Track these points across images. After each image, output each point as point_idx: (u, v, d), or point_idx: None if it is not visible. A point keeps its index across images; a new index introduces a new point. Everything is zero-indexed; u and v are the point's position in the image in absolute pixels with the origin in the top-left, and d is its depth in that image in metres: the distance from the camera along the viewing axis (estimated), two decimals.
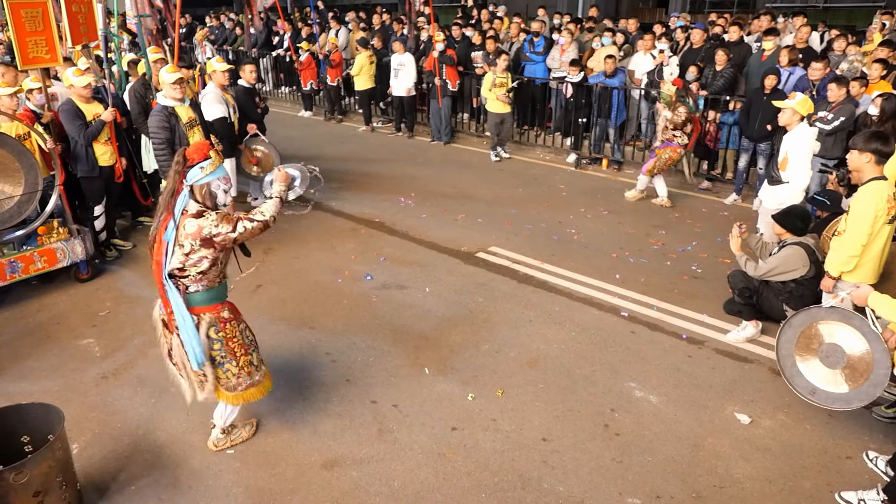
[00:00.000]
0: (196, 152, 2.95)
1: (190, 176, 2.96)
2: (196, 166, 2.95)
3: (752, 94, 7.15)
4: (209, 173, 2.98)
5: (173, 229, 2.95)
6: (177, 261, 2.99)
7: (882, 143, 3.68)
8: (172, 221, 2.95)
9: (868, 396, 3.48)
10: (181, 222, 2.96)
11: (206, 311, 3.14)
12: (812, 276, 4.37)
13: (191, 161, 2.95)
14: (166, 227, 2.97)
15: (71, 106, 5.48)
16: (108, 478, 3.38)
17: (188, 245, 2.97)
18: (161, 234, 2.98)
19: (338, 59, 11.43)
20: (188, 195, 2.98)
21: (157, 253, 3.02)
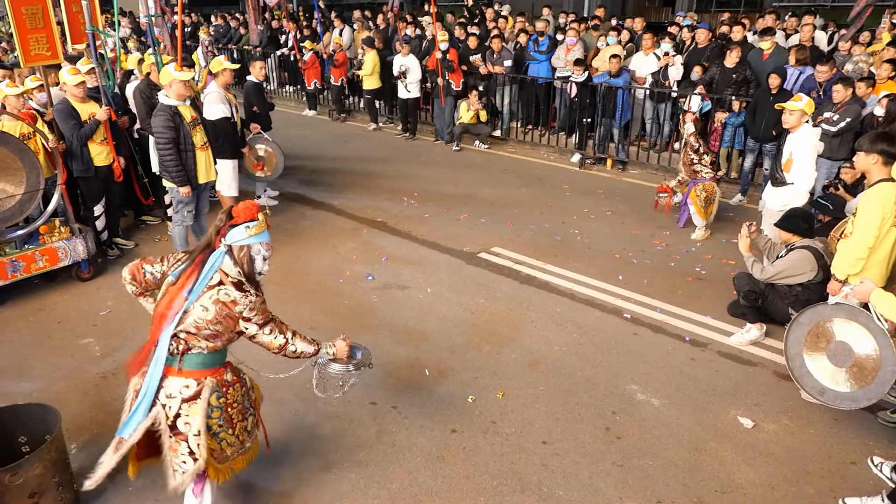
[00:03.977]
0: (244, 211, 2.63)
1: (232, 235, 2.61)
2: (241, 226, 2.60)
3: (758, 95, 7.09)
4: (253, 235, 2.63)
5: (201, 287, 2.55)
6: (193, 323, 2.57)
7: (889, 144, 3.64)
8: (199, 277, 2.56)
9: (876, 395, 3.43)
10: (221, 285, 2.57)
11: (207, 375, 2.70)
12: (820, 280, 4.32)
13: (236, 219, 2.62)
14: (191, 281, 2.57)
15: (65, 105, 5.47)
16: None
17: (213, 311, 2.56)
18: (182, 286, 2.57)
19: (342, 58, 11.41)
20: (224, 253, 2.61)
21: (165, 304, 2.59)
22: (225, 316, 2.58)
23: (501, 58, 9.83)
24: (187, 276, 2.58)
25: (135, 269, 2.74)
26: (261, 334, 2.69)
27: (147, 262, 2.73)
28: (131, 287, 2.78)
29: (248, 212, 2.63)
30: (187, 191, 5.39)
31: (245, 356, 3.11)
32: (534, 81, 9.92)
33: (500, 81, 10.04)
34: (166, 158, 5.27)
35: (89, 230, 5.59)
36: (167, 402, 2.63)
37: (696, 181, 6.40)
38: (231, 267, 2.61)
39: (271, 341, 2.72)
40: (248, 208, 2.63)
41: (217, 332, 2.60)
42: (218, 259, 2.59)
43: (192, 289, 2.56)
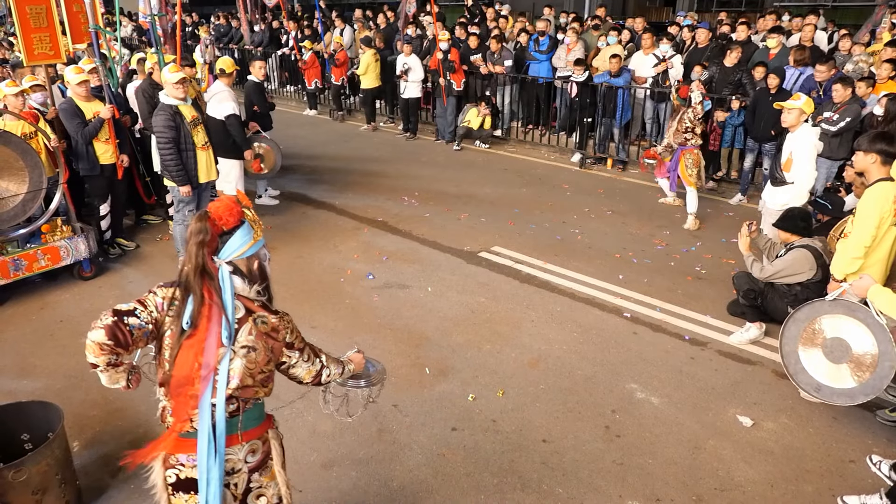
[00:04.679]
0: (227, 211, 1.99)
1: (229, 247, 2.00)
2: (235, 232, 2.01)
3: (758, 94, 7.10)
4: (259, 238, 2.08)
5: (231, 329, 1.96)
6: (246, 372, 2.00)
7: (887, 144, 3.65)
8: (225, 319, 1.94)
9: (873, 390, 3.44)
10: (252, 315, 2.03)
11: (267, 429, 2.22)
12: (819, 279, 4.33)
13: (221, 224, 1.99)
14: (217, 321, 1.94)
15: (70, 104, 5.50)
16: (108, 476, 3.39)
17: (262, 349, 2.03)
18: (206, 332, 1.93)
19: (342, 58, 11.43)
20: (229, 274, 1.98)
21: (190, 363, 1.94)
22: (271, 350, 2.07)
23: (502, 58, 9.85)
24: (207, 317, 1.92)
25: (114, 329, 1.83)
26: (300, 363, 2.19)
27: (125, 314, 1.88)
28: (106, 358, 1.85)
29: (232, 211, 2.01)
30: (188, 190, 5.41)
31: None
32: (534, 81, 9.93)
33: (501, 81, 10.06)
34: (167, 158, 5.29)
35: (91, 229, 5.61)
36: (231, 481, 2.10)
37: (684, 148, 6.75)
38: (246, 287, 2.03)
39: (308, 369, 2.22)
40: (229, 207, 2.01)
41: (270, 373, 2.12)
42: (227, 283, 1.97)
43: (226, 331, 1.94)
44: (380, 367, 2.62)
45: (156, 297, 1.98)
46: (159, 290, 2.00)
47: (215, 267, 1.98)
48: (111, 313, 1.87)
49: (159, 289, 2.01)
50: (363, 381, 2.49)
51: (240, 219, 2.04)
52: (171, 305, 1.96)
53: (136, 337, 1.90)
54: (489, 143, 10.13)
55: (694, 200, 6.83)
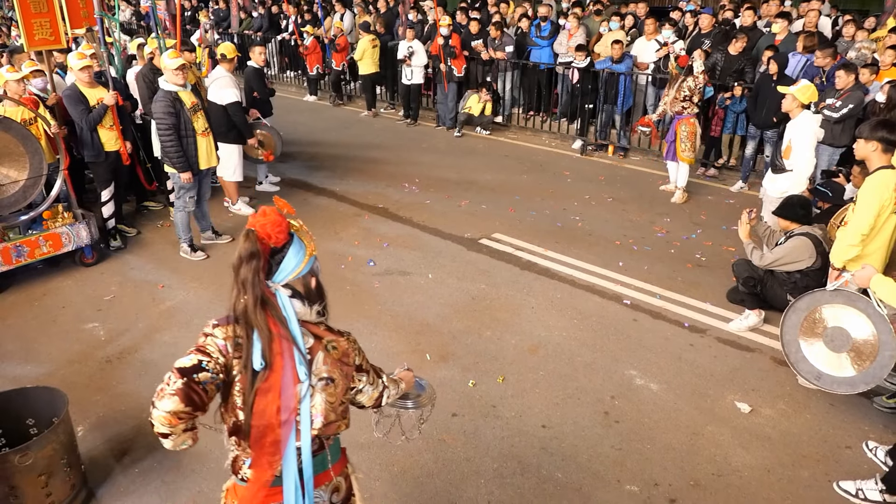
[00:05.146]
0: (274, 225, 1.74)
1: (284, 268, 1.77)
2: (289, 253, 1.78)
3: (760, 80, 7.07)
4: (314, 253, 1.86)
5: (305, 362, 1.74)
6: (328, 409, 1.81)
7: (888, 132, 3.64)
8: (298, 352, 1.73)
9: (874, 379, 3.47)
10: (321, 341, 1.81)
11: (346, 462, 2.04)
12: (818, 267, 4.35)
13: (270, 241, 1.74)
14: (289, 356, 1.73)
15: (74, 91, 5.49)
16: (112, 460, 3.43)
17: (340, 378, 1.83)
18: (280, 370, 1.71)
19: (343, 43, 11.36)
20: (288, 298, 1.77)
21: (270, 407, 1.72)
22: (346, 376, 1.87)
23: (503, 43, 9.79)
24: (279, 353, 1.71)
25: (188, 392, 1.61)
26: (366, 387, 1.96)
27: (193, 371, 1.64)
28: (183, 426, 1.64)
29: (281, 225, 1.75)
30: (188, 176, 5.41)
31: None
32: (536, 67, 9.88)
33: (502, 67, 10.00)
34: (167, 144, 5.29)
35: (92, 215, 5.61)
36: None
37: (680, 117, 6.85)
38: (306, 310, 1.80)
39: (371, 393, 1.99)
40: (276, 221, 1.75)
41: (347, 403, 1.94)
42: (289, 310, 1.75)
43: (301, 366, 1.74)
44: (428, 386, 2.42)
45: (216, 340, 1.71)
46: (217, 331, 1.73)
47: (271, 293, 1.74)
48: (177, 374, 1.63)
49: (216, 329, 1.73)
50: (410, 402, 2.31)
51: (287, 231, 1.79)
52: (237, 346, 1.71)
53: (211, 393, 1.68)
54: (490, 130, 10.10)
55: (684, 174, 7.04)
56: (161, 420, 1.61)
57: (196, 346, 1.72)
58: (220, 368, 1.69)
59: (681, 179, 7.14)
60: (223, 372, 1.70)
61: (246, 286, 1.70)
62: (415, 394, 2.32)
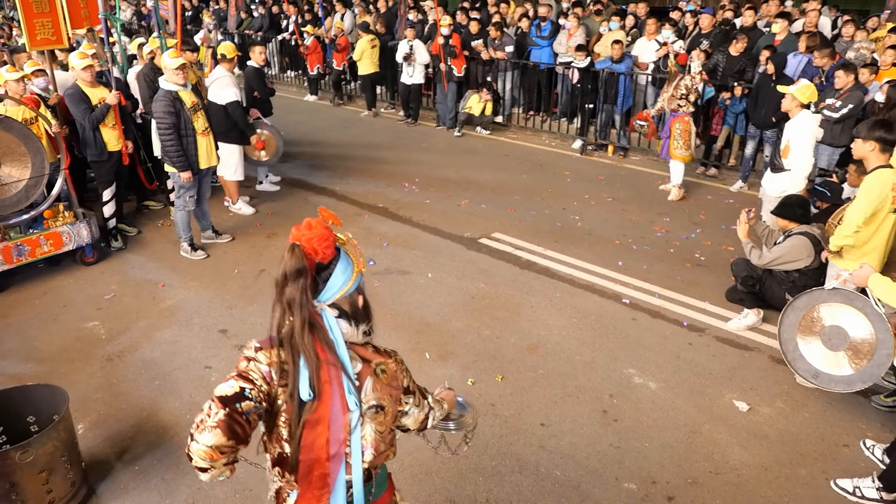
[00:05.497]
0: (322, 244, 1.60)
1: (332, 287, 1.63)
2: (336, 269, 1.64)
3: (760, 80, 7.08)
4: (362, 269, 1.72)
5: (354, 390, 1.62)
6: (378, 438, 1.70)
7: (886, 131, 3.65)
8: (347, 379, 1.61)
9: (871, 378, 3.48)
10: (370, 364, 1.69)
11: (394, 489, 1.94)
12: (816, 266, 4.36)
13: (316, 257, 1.61)
14: (338, 384, 1.61)
15: (76, 90, 5.50)
16: (112, 457, 3.45)
17: (389, 404, 1.72)
18: (328, 399, 1.59)
19: (343, 43, 11.38)
20: (335, 319, 1.65)
21: (320, 438, 1.61)
22: (395, 401, 1.76)
23: (503, 43, 9.80)
24: (327, 382, 1.59)
25: (230, 424, 1.46)
26: (412, 409, 1.85)
27: (236, 400, 1.49)
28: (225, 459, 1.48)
29: (327, 239, 1.62)
30: (188, 176, 5.42)
31: None
32: (536, 67, 9.89)
33: (502, 67, 10.01)
34: (167, 144, 5.31)
35: (93, 215, 5.63)
36: None
37: (675, 115, 6.93)
38: (353, 331, 1.67)
39: (416, 416, 1.89)
40: (322, 235, 1.61)
41: (395, 429, 1.82)
42: (337, 332, 1.63)
43: (351, 394, 1.62)
44: (470, 406, 2.30)
45: (259, 365, 1.57)
46: (261, 356, 1.58)
47: (317, 314, 1.61)
48: (219, 403, 1.46)
49: (259, 353, 1.58)
50: (453, 424, 2.19)
51: (333, 244, 1.64)
52: (282, 373, 1.57)
53: (254, 423, 1.52)
54: (490, 130, 10.11)
55: (678, 172, 7.14)
56: (201, 454, 1.44)
57: (237, 371, 1.56)
58: (264, 397, 1.54)
59: (676, 177, 7.21)
60: (266, 400, 1.55)
61: (292, 307, 1.56)
62: (457, 414, 2.22)
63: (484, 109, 9.87)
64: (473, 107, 9.88)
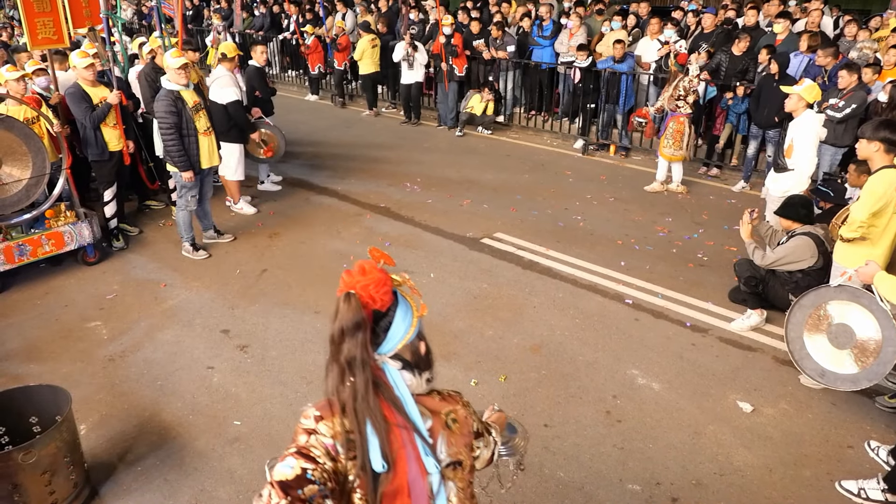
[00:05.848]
0: (379, 290, 1.44)
1: (391, 341, 1.47)
2: (396, 316, 1.48)
3: (762, 80, 7.06)
4: (422, 313, 1.54)
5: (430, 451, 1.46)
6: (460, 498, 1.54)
7: (891, 132, 3.64)
8: (420, 439, 1.45)
9: (877, 376, 3.47)
10: (439, 416, 1.52)
11: None
12: (820, 266, 4.35)
13: (373, 304, 1.44)
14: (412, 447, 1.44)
15: (77, 89, 5.50)
16: (115, 458, 3.44)
17: (466, 458, 1.56)
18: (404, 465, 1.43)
19: (344, 42, 11.36)
20: (399, 373, 1.49)
21: None
22: (469, 449, 1.59)
23: (504, 43, 9.79)
24: (401, 447, 1.43)
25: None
26: (482, 451, 1.70)
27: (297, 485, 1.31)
28: None
29: (385, 284, 1.45)
30: (190, 176, 5.41)
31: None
32: (537, 67, 9.87)
33: (504, 67, 10.00)
34: (169, 143, 5.30)
35: (94, 214, 5.63)
36: None
37: (673, 114, 7.06)
38: (417, 381, 1.51)
39: (485, 456, 1.73)
40: (380, 280, 1.44)
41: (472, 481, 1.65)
42: (402, 388, 1.47)
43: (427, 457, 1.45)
44: (519, 427, 2.12)
45: (322, 439, 1.40)
46: (323, 426, 1.41)
47: (379, 368, 1.45)
48: (279, 491, 1.28)
49: (321, 423, 1.42)
50: (504, 450, 1.98)
51: (390, 288, 1.47)
52: (349, 443, 1.39)
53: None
54: (491, 129, 10.10)
55: (662, 168, 7.46)
56: None
57: (296, 446, 1.39)
58: (330, 476, 1.35)
59: (659, 173, 7.49)
60: (333, 479, 1.36)
61: (353, 366, 1.39)
62: (507, 437, 2.03)
63: (485, 109, 9.86)
64: (475, 106, 9.87)
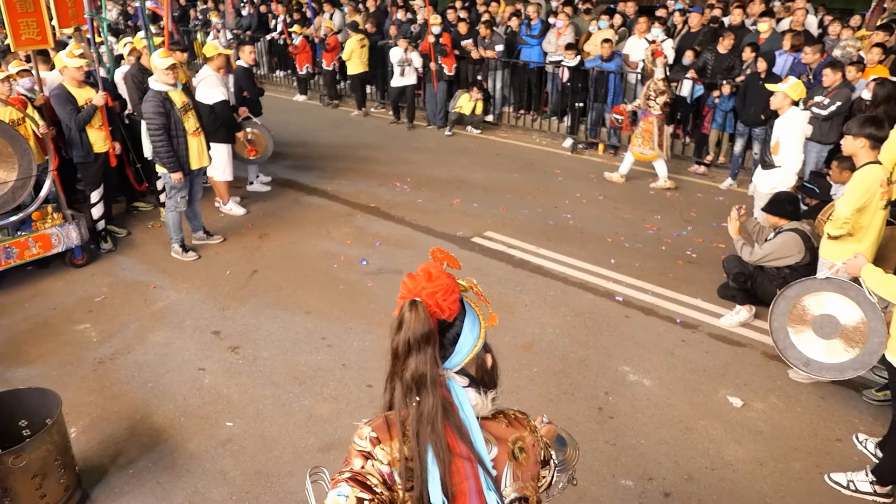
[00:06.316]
0: (447, 298, 1.32)
1: (459, 353, 1.34)
2: (465, 327, 1.35)
3: (748, 78, 7.13)
4: (488, 324, 1.41)
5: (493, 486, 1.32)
6: None
7: (876, 128, 3.69)
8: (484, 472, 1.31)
9: (863, 365, 3.51)
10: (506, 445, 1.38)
11: None
12: (807, 262, 4.40)
13: (441, 313, 1.32)
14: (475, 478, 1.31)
15: (62, 91, 5.44)
16: (106, 461, 3.42)
17: (531, 488, 1.42)
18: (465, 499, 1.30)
19: (333, 42, 11.33)
20: (464, 392, 1.36)
21: None
22: (534, 479, 1.45)
23: (493, 42, 9.81)
24: (462, 479, 1.29)
25: None
26: (546, 477, 1.58)
27: None
28: None
29: (453, 291, 1.33)
30: (179, 177, 5.38)
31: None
32: (526, 66, 9.90)
33: (492, 66, 10.02)
34: (157, 144, 5.26)
35: (82, 216, 5.57)
36: None
37: (646, 113, 7.31)
38: (483, 401, 1.38)
39: (546, 481, 1.60)
40: (448, 287, 1.32)
41: None
42: (468, 411, 1.33)
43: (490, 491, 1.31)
44: (569, 439, 2.02)
45: (379, 466, 1.29)
46: (380, 452, 1.29)
47: (443, 384, 1.29)
48: None
49: (377, 447, 1.30)
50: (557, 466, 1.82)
51: (457, 293, 1.34)
52: (408, 472, 1.28)
53: None
54: (481, 129, 10.11)
55: (626, 163, 7.69)
56: None
57: (350, 471, 1.27)
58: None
59: (623, 166, 7.71)
60: None
61: (421, 386, 1.25)
62: (559, 449, 1.93)
63: (474, 109, 9.87)
64: (464, 106, 9.88)
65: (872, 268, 3.11)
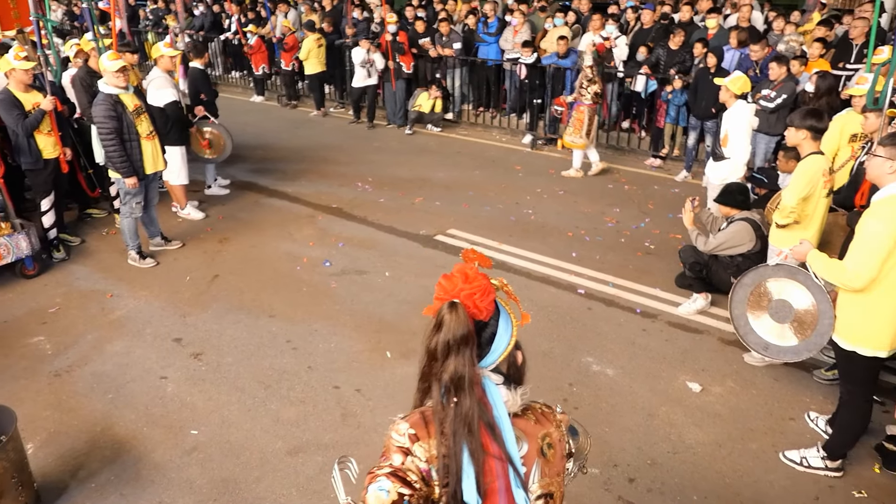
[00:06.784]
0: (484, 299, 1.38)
1: (494, 353, 1.41)
2: (500, 326, 1.43)
3: (699, 73, 7.34)
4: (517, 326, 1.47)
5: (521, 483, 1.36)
6: None
7: (816, 120, 3.85)
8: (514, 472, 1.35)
9: (815, 346, 3.66)
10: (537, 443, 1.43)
11: None
12: (758, 250, 4.56)
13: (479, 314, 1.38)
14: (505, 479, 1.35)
15: (7, 95, 5.24)
16: (66, 476, 3.32)
17: (556, 487, 1.47)
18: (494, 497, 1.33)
19: (291, 42, 11.19)
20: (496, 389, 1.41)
21: None
22: (560, 475, 1.48)
23: (450, 40, 9.84)
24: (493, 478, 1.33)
25: None
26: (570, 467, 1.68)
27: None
28: None
29: (489, 292, 1.38)
30: (133, 182, 5.25)
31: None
32: (483, 63, 9.97)
33: (450, 64, 10.06)
34: (110, 149, 5.13)
35: (32, 225, 5.39)
36: None
37: (578, 103, 7.57)
38: (514, 397, 1.42)
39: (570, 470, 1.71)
40: (483, 288, 1.37)
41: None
42: (501, 409, 1.37)
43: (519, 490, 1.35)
44: (581, 429, 2.06)
45: (418, 463, 1.32)
46: (419, 449, 1.32)
47: (478, 382, 1.32)
48: None
49: (416, 444, 1.32)
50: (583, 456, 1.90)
51: (492, 293, 1.38)
52: (444, 469, 1.30)
53: None
54: (441, 127, 10.14)
55: (577, 157, 7.89)
56: None
57: (391, 466, 1.30)
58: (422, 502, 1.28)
59: (575, 161, 7.92)
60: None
61: (460, 387, 1.27)
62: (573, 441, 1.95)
63: (434, 107, 9.89)
64: (423, 104, 9.89)
65: (817, 253, 3.25)
